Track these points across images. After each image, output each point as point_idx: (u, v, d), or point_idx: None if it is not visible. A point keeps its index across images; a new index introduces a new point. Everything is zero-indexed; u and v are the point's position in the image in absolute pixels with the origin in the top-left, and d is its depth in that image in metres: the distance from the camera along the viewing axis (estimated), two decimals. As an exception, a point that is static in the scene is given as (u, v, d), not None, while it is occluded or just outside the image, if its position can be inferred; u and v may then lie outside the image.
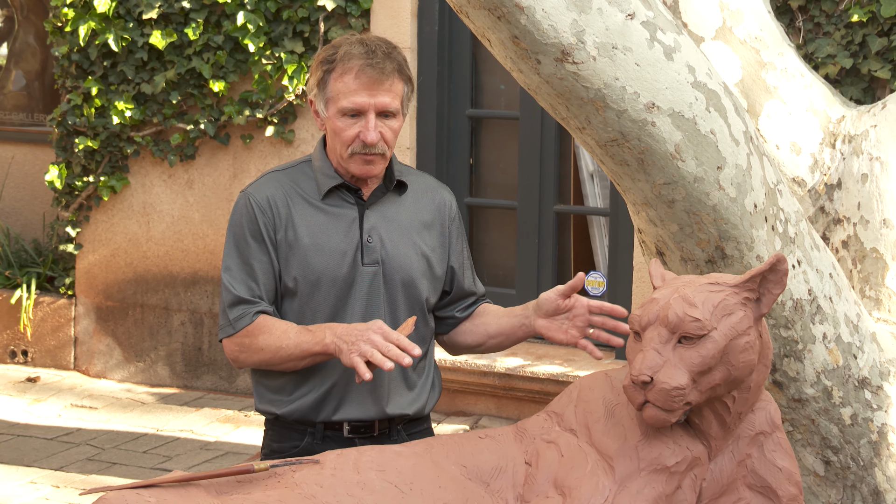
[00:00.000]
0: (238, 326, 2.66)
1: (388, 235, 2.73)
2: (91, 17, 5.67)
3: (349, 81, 2.65)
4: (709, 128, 2.57)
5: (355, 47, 2.67)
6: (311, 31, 5.47)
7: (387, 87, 2.66)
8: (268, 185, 2.74)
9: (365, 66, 2.64)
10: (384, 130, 2.67)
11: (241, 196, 2.75)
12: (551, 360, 5.15)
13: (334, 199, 2.73)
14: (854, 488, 2.89)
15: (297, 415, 2.71)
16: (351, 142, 2.67)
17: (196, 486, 2.19)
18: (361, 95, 2.65)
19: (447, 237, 2.82)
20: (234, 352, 2.69)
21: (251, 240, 2.70)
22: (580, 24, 2.42)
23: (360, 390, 2.69)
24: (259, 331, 2.64)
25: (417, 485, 2.24)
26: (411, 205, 2.78)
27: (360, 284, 2.69)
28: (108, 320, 5.97)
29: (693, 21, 3.12)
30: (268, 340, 2.62)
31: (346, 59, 2.66)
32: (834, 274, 2.86)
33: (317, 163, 2.76)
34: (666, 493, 2.22)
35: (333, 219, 2.71)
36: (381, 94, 2.65)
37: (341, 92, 2.66)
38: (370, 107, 2.65)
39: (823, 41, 4.63)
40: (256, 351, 2.64)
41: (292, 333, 2.62)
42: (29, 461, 4.82)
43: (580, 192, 5.50)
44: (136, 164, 5.87)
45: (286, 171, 2.77)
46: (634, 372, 2.19)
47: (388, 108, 2.67)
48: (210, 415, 5.44)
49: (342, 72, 2.66)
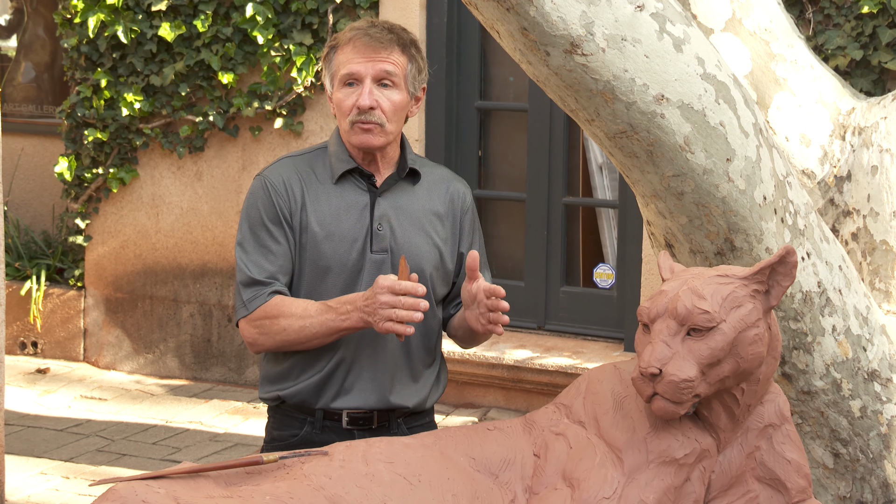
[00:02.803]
0: (252, 307, 2.66)
1: (399, 224, 2.73)
2: (100, 8, 5.68)
3: (348, 51, 2.68)
4: (718, 120, 2.56)
5: (360, 24, 2.71)
6: (320, 23, 5.47)
7: (384, 55, 2.67)
8: (283, 169, 2.75)
9: (361, 35, 2.68)
10: (381, 99, 2.67)
11: (257, 179, 2.75)
12: (560, 352, 5.15)
13: (347, 185, 2.73)
14: (863, 480, 2.89)
15: (299, 397, 2.71)
16: (349, 112, 2.68)
17: (205, 478, 2.19)
18: (357, 62, 2.67)
19: (458, 227, 2.82)
20: (252, 335, 2.68)
21: (268, 221, 2.70)
22: (589, 16, 2.42)
23: (363, 378, 2.70)
24: (277, 311, 2.64)
25: (426, 477, 2.24)
26: (424, 195, 2.78)
27: (367, 272, 2.69)
28: (117, 312, 5.98)
29: (702, 13, 3.11)
30: (289, 320, 2.62)
31: (348, 36, 2.70)
32: (843, 266, 2.85)
33: (332, 147, 2.77)
34: (675, 485, 2.22)
35: (345, 204, 2.72)
36: (378, 62, 2.67)
37: (341, 63, 2.69)
38: (365, 72, 2.67)
39: (833, 33, 4.62)
40: (278, 332, 2.64)
41: (313, 311, 2.61)
42: (39, 452, 4.83)
43: (589, 184, 5.50)
44: (145, 155, 5.88)
45: (302, 157, 2.78)
46: (643, 364, 2.19)
47: (386, 77, 2.67)
48: (219, 406, 5.45)
49: (344, 45, 2.70)
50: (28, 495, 4.38)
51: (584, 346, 5.24)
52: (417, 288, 2.50)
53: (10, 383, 5.66)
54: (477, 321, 2.60)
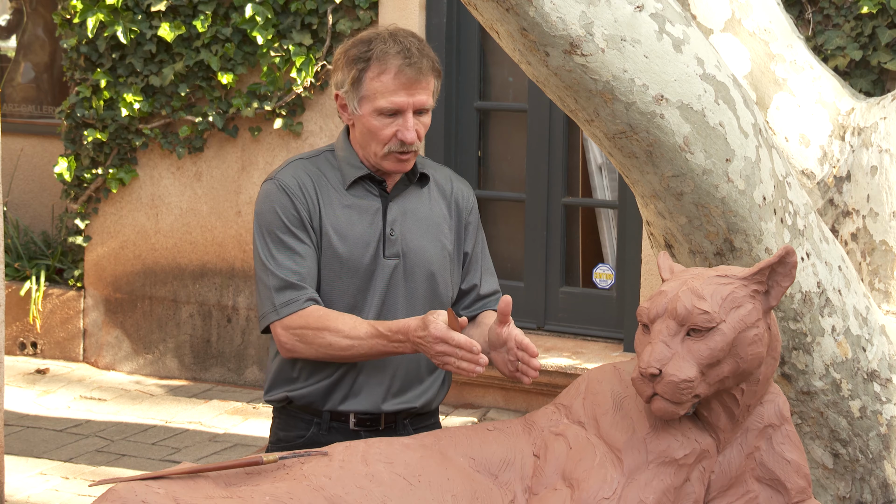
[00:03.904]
0: (285, 312, 2.61)
1: (410, 229, 2.72)
2: (99, 9, 5.68)
3: (387, 81, 2.63)
4: (717, 120, 2.56)
5: (389, 45, 2.64)
6: (320, 24, 5.47)
7: (423, 85, 2.65)
8: (296, 171, 2.71)
9: (403, 65, 2.62)
10: (419, 128, 2.66)
11: (270, 184, 2.70)
12: (559, 352, 5.15)
13: (359, 190, 2.72)
14: (863, 481, 2.89)
15: (307, 399, 2.70)
16: (388, 140, 2.65)
17: (205, 478, 2.19)
18: (400, 95, 2.63)
19: (463, 229, 2.82)
20: (290, 341, 2.62)
21: (290, 224, 2.66)
22: (589, 16, 2.42)
23: (372, 381, 2.70)
24: (321, 324, 2.59)
25: (426, 477, 2.24)
26: (431, 198, 2.78)
27: (379, 276, 2.69)
28: (116, 312, 5.98)
29: (702, 13, 3.11)
30: (335, 337, 2.57)
31: (382, 58, 2.64)
32: (843, 266, 2.85)
33: (341, 153, 2.75)
34: (674, 485, 2.22)
35: (357, 209, 2.70)
36: (418, 93, 2.64)
37: (379, 91, 2.64)
38: (408, 106, 2.64)
39: (833, 33, 4.62)
40: (322, 345, 2.59)
41: (363, 333, 2.56)
42: (38, 453, 4.83)
43: (588, 184, 5.50)
44: (144, 156, 5.88)
45: (311, 160, 2.75)
46: (643, 364, 2.19)
47: (425, 106, 2.67)
48: (218, 407, 5.45)
49: (379, 71, 2.63)
50: (28, 496, 4.38)
51: (584, 346, 5.24)
52: (473, 346, 2.42)
53: (10, 384, 5.66)
54: (505, 366, 2.57)
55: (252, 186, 5.69)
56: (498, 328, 2.54)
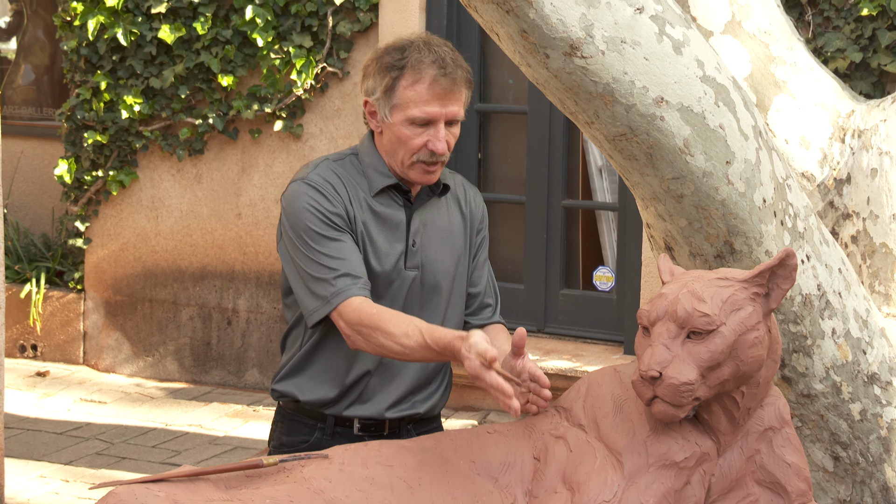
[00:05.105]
0: (336, 301, 2.55)
1: (429, 240, 2.71)
2: (100, 11, 5.68)
3: (422, 91, 2.60)
4: (718, 122, 2.56)
5: (424, 54, 2.61)
6: (320, 26, 5.47)
7: (457, 96, 2.63)
8: (327, 173, 2.67)
9: (438, 76, 2.60)
10: (449, 139, 2.64)
11: (301, 184, 2.64)
12: (559, 355, 5.15)
13: (384, 199, 2.69)
14: (863, 484, 2.89)
15: (315, 404, 2.70)
16: (418, 150, 2.62)
17: (205, 481, 2.19)
18: (434, 106, 2.60)
19: (473, 238, 2.82)
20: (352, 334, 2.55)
21: (328, 220, 2.61)
22: (589, 19, 2.42)
23: (381, 389, 2.69)
24: (374, 323, 2.52)
25: (426, 480, 2.24)
26: (450, 207, 2.77)
27: (398, 287, 2.67)
28: (116, 315, 5.98)
29: (702, 15, 3.11)
30: (388, 340, 2.50)
31: (416, 67, 2.61)
32: (843, 269, 2.85)
33: (367, 158, 2.70)
34: (675, 488, 2.22)
35: (384, 219, 2.68)
36: (451, 104, 2.62)
37: (412, 101, 2.61)
38: (441, 116, 2.61)
39: (833, 35, 4.62)
40: (377, 345, 2.53)
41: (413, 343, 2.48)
42: (38, 455, 4.83)
43: (588, 186, 5.50)
44: (144, 158, 5.88)
45: (339, 162, 2.71)
46: (643, 367, 2.18)
47: (457, 118, 2.64)
48: (219, 409, 5.45)
49: (413, 80, 2.60)
50: (28, 499, 4.37)
51: (584, 348, 5.24)
52: (505, 389, 2.33)
53: (10, 386, 5.65)
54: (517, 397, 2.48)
55: (252, 189, 5.69)
56: (513, 360, 2.49)
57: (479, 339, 2.34)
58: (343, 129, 5.49)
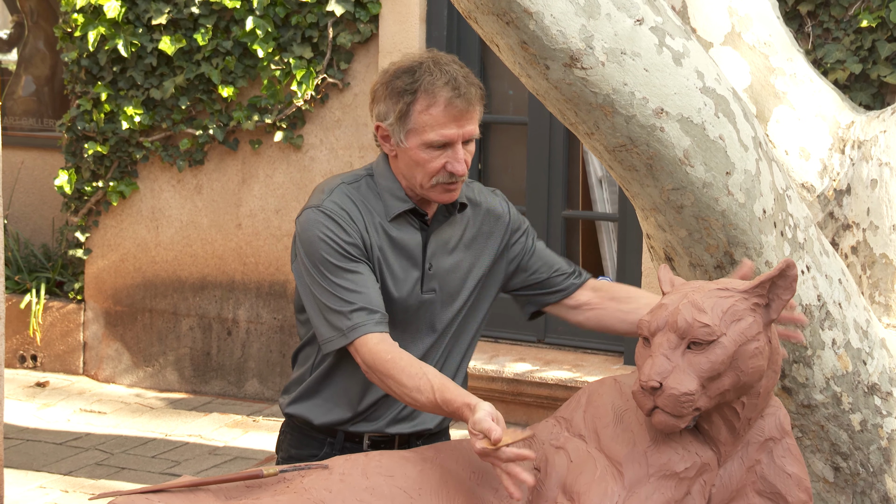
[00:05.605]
0: (352, 336, 2.50)
1: (443, 263, 2.67)
2: (100, 22, 5.69)
3: (437, 114, 2.55)
4: (717, 133, 2.56)
5: (436, 76, 2.56)
6: (320, 37, 5.48)
7: (472, 115, 2.58)
8: (342, 199, 2.61)
9: (453, 97, 2.54)
10: (467, 157, 2.60)
11: (315, 212, 2.58)
12: (560, 365, 5.15)
13: (401, 223, 2.63)
14: (864, 494, 2.88)
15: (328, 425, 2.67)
16: (436, 172, 2.57)
17: (205, 491, 2.19)
18: (451, 128, 2.55)
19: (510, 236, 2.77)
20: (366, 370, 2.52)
21: (344, 250, 2.56)
22: (589, 30, 2.42)
23: (394, 409, 2.66)
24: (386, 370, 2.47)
25: (426, 490, 2.24)
26: (466, 221, 2.72)
27: (412, 311, 2.63)
28: (116, 325, 5.98)
29: (702, 26, 3.12)
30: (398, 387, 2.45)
31: (430, 90, 2.55)
32: (843, 280, 2.85)
33: (383, 182, 2.65)
34: (675, 498, 2.22)
35: (401, 245, 2.63)
36: (468, 124, 2.57)
37: (428, 125, 2.55)
38: (458, 137, 2.57)
39: (832, 46, 4.63)
40: (386, 388, 2.50)
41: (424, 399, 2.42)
42: (38, 466, 4.82)
43: (589, 197, 5.50)
44: (145, 169, 5.88)
45: (354, 185, 2.65)
46: (644, 377, 2.18)
47: (473, 136, 2.60)
48: (218, 420, 5.44)
49: (428, 104, 2.55)
50: (27, 509, 4.38)
51: (584, 359, 5.23)
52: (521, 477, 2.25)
53: (10, 397, 5.65)
54: None
55: (252, 199, 5.69)
56: None
57: (484, 414, 2.27)
58: (343, 139, 5.49)
